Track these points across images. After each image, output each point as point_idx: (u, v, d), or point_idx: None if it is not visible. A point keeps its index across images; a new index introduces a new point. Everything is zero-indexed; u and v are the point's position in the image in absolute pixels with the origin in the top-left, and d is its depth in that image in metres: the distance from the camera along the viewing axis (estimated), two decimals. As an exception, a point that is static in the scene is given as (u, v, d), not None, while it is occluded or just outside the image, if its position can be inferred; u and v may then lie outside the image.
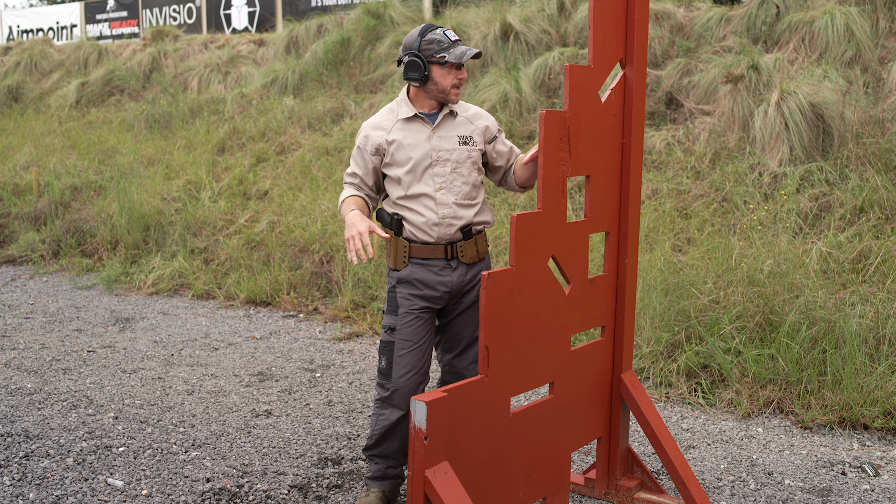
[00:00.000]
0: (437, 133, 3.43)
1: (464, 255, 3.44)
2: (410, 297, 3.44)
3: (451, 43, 3.36)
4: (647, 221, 6.51)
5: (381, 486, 3.58)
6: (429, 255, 3.42)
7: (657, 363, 5.12)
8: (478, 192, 3.48)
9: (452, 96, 3.41)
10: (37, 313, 7.10)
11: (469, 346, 3.57)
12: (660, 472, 4.03)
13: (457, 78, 3.39)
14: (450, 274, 3.43)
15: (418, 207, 3.40)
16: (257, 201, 8.84)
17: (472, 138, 3.47)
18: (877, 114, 6.89)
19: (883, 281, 5.32)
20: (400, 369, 3.42)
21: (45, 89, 15.14)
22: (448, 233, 3.41)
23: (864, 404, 4.43)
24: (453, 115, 3.48)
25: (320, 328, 6.58)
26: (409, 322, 3.43)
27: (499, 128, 3.58)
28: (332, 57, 11.54)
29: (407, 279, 3.45)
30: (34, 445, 4.31)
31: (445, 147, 3.41)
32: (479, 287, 3.48)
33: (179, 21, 16.82)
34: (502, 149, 3.56)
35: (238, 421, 4.68)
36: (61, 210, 9.61)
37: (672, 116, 8.05)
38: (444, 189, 3.39)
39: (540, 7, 10.03)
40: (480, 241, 3.51)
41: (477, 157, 3.48)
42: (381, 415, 3.49)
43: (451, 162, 3.41)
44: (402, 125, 3.44)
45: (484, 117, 3.55)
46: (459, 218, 3.41)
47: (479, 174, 3.50)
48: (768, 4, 8.44)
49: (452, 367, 3.61)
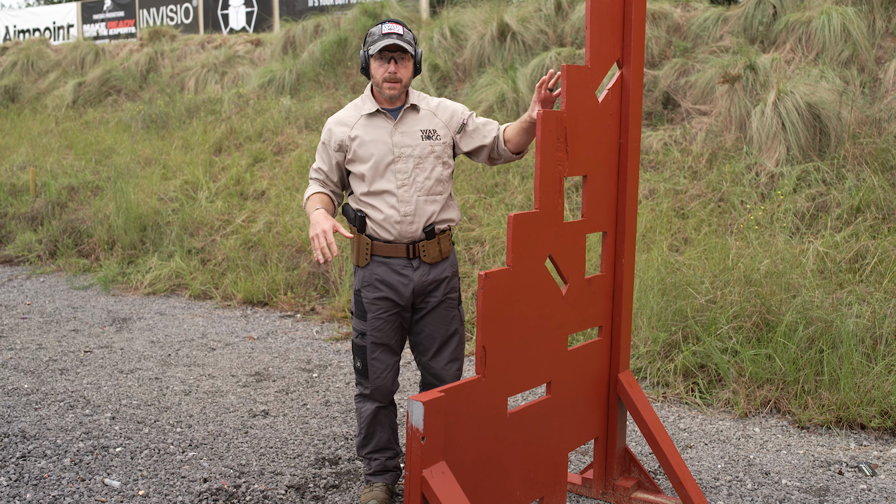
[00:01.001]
0: (399, 129, 3.40)
1: (426, 254, 3.42)
2: (376, 302, 3.45)
3: (381, 36, 3.33)
4: (644, 221, 6.51)
5: (384, 479, 3.62)
6: (390, 253, 3.42)
7: (654, 363, 5.12)
8: (443, 186, 3.44)
9: (386, 90, 3.37)
10: (34, 313, 7.09)
11: (442, 346, 3.55)
12: (657, 471, 4.03)
13: (387, 71, 3.34)
14: (411, 273, 3.42)
15: (380, 204, 3.38)
16: (254, 201, 8.84)
17: (435, 132, 3.43)
18: (873, 114, 6.89)
19: (879, 281, 5.33)
20: (375, 370, 3.49)
21: (42, 89, 15.12)
22: (409, 231, 3.39)
23: (860, 404, 4.43)
24: (416, 109, 3.45)
25: (317, 328, 6.57)
26: (378, 327, 3.46)
27: (470, 112, 3.51)
28: (329, 57, 11.53)
29: (369, 281, 3.45)
30: (31, 446, 4.30)
31: (407, 143, 3.39)
32: (445, 284, 3.49)
33: (176, 21, 16.80)
34: (475, 128, 3.47)
35: (235, 421, 4.67)
36: (58, 210, 9.60)
37: (669, 116, 8.06)
38: (405, 185, 3.37)
39: (537, 7, 10.03)
40: (444, 240, 3.47)
41: (441, 150, 3.43)
42: (363, 407, 3.57)
43: (414, 157, 3.38)
44: (365, 121, 3.42)
45: (448, 106, 3.50)
46: (422, 215, 3.38)
47: (444, 168, 3.44)
48: (765, 4, 8.45)
49: (429, 368, 3.58)
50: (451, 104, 3.52)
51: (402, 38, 3.34)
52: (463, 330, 3.60)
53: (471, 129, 3.47)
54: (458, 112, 3.50)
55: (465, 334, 3.65)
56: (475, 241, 7.07)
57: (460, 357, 3.60)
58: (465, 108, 3.53)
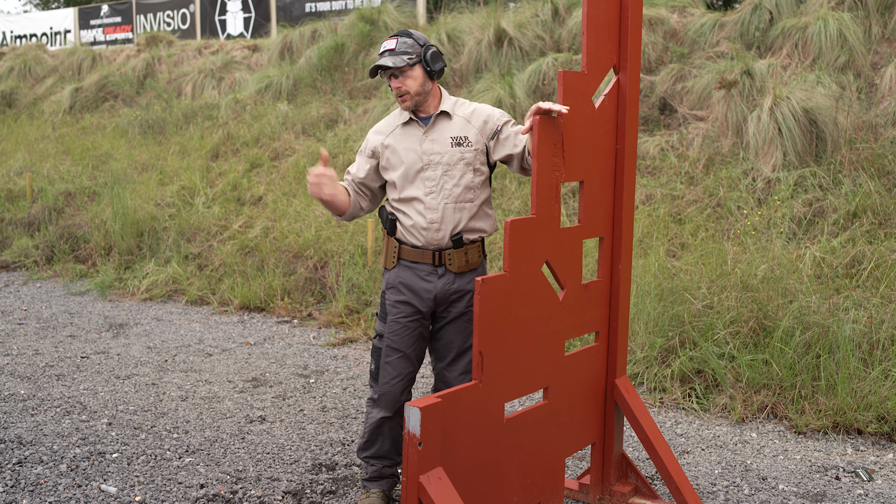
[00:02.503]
0: (429, 136, 3.42)
1: (451, 263, 3.43)
2: (397, 305, 3.47)
3: (378, 56, 3.42)
4: (641, 227, 6.52)
5: (380, 486, 3.63)
6: (417, 258, 3.44)
7: (651, 368, 5.12)
8: (473, 194, 3.42)
9: (400, 104, 3.43)
10: (30, 319, 7.08)
11: (458, 356, 3.55)
12: (654, 477, 4.03)
13: (393, 87, 3.40)
14: (435, 280, 3.43)
15: (409, 211, 3.42)
16: (251, 207, 8.83)
17: (466, 138, 3.40)
18: (870, 119, 6.91)
19: (876, 286, 5.33)
20: (385, 375, 3.49)
21: (39, 95, 15.12)
22: (436, 238, 3.40)
23: (857, 409, 4.44)
24: (448, 116, 3.45)
25: (314, 334, 6.57)
26: (396, 331, 3.47)
27: (507, 119, 3.43)
28: (326, 62, 11.54)
29: (394, 284, 3.48)
30: (27, 452, 4.29)
31: (437, 150, 3.40)
32: (470, 297, 3.48)
33: (173, 27, 16.81)
34: (507, 135, 3.39)
35: (232, 427, 4.66)
36: (55, 216, 9.59)
37: (666, 122, 8.07)
38: (433, 193, 3.38)
39: (534, 13, 10.05)
40: (472, 251, 3.46)
41: (472, 157, 3.40)
42: (370, 413, 3.57)
43: (443, 165, 3.38)
44: (401, 129, 3.48)
45: (483, 113, 3.44)
46: (448, 222, 3.39)
47: (475, 175, 3.41)
48: (761, 10, 8.47)
49: (443, 376, 3.60)
50: (488, 110, 3.45)
51: (394, 52, 3.35)
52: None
53: (503, 137, 3.40)
54: (494, 118, 3.43)
55: None
56: (472, 246, 7.06)
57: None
58: (504, 114, 3.45)
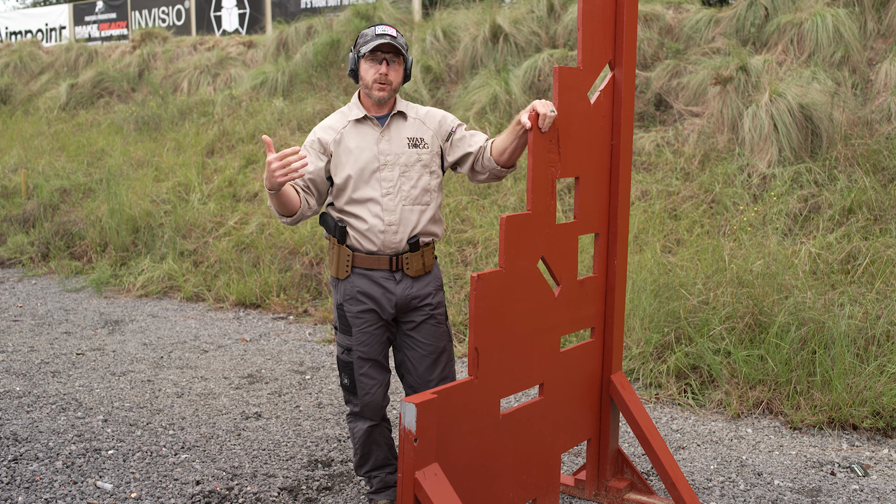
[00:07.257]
0: (385, 136, 3.34)
1: (409, 267, 3.33)
2: (361, 315, 3.35)
3: (375, 37, 3.27)
4: (637, 223, 6.52)
5: (388, 497, 3.54)
6: (372, 265, 3.32)
7: (647, 364, 5.13)
8: (430, 196, 3.36)
9: (375, 90, 3.29)
10: (25, 316, 7.07)
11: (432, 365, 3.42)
12: (650, 472, 4.03)
13: (378, 72, 3.28)
14: (394, 286, 3.33)
15: (363, 213, 3.30)
16: (247, 203, 8.82)
17: (422, 140, 3.36)
18: (865, 115, 6.92)
19: (871, 282, 5.34)
20: (364, 386, 3.39)
21: (34, 91, 15.08)
22: (393, 241, 3.30)
23: (853, 404, 4.45)
24: (404, 116, 3.39)
25: (310, 330, 6.56)
26: (364, 341, 3.36)
27: (459, 123, 3.44)
28: (321, 59, 11.52)
29: (352, 294, 3.35)
30: (23, 449, 4.28)
31: (394, 150, 3.32)
32: (430, 301, 3.39)
33: (168, 23, 16.76)
34: (462, 136, 3.40)
35: (228, 423, 4.66)
36: (50, 212, 9.57)
37: (661, 118, 8.07)
38: (391, 194, 3.29)
39: (529, 9, 10.03)
40: (427, 253, 3.39)
41: (428, 159, 3.36)
42: (354, 428, 3.47)
43: (399, 165, 3.31)
44: (353, 127, 3.36)
45: (437, 114, 3.43)
46: (406, 224, 3.30)
47: (431, 177, 3.36)
48: (757, 6, 8.47)
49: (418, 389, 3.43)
50: (440, 113, 3.45)
51: (396, 40, 3.29)
52: (451, 347, 3.50)
53: (457, 138, 3.40)
54: (448, 120, 3.43)
55: (453, 352, 3.58)
56: (468, 242, 7.07)
57: (451, 375, 3.47)
58: (455, 118, 3.46)
